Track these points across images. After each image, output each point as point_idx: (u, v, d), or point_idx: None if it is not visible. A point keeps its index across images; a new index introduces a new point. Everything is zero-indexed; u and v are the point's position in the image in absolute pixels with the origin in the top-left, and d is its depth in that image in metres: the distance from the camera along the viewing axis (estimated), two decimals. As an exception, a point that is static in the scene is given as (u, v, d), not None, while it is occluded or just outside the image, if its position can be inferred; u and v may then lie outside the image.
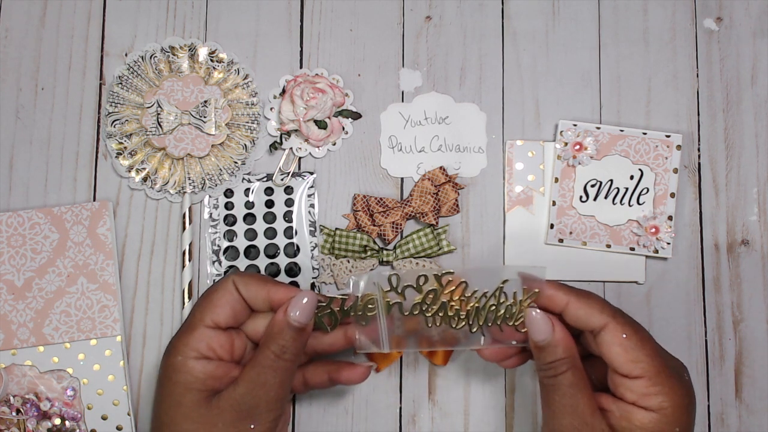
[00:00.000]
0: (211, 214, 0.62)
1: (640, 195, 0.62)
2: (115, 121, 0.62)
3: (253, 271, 0.61)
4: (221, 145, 0.62)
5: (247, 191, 0.62)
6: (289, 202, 0.62)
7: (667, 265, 0.63)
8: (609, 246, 0.62)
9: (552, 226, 0.62)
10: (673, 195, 0.62)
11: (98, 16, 0.64)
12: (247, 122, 0.63)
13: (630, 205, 0.62)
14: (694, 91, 0.65)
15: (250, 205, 0.62)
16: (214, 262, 0.62)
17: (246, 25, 0.64)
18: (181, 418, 0.50)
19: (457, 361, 0.62)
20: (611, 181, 0.63)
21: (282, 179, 0.62)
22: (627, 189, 0.62)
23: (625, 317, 0.51)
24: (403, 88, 0.64)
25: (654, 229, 0.62)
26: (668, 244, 0.62)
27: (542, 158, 0.63)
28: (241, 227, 0.62)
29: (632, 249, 0.62)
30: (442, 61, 0.64)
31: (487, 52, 0.65)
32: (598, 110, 0.64)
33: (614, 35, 0.65)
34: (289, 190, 0.62)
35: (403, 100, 0.64)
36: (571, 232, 0.62)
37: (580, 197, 0.63)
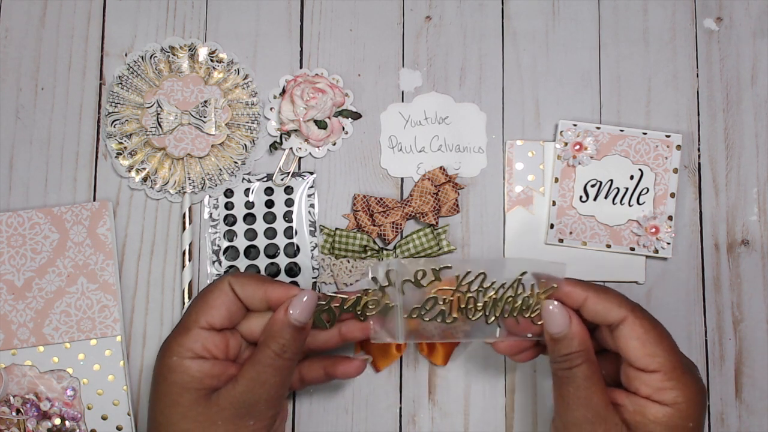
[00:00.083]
0: (211, 214, 0.62)
1: (640, 195, 0.62)
2: (115, 121, 0.62)
3: (252, 271, 0.61)
4: (221, 145, 0.62)
5: (247, 191, 0.62)
6: (289, 202, 0.62)
7: (667, 265, 0.63)
8: (609, 246, 0.62)
9: (552, 226, 0.62)
10: (673, 195, 0.62)
11: (98, 16, 0.64)
12: (247, 122, 0.63)
13: (630, 205, 0.62)
14: (694, 91, 0.65)
15: (250, 205, 0.62)
16: (214, 262, 0.62)
17: (246, 25, 0.64)
18: (178, 418, 0.50)
19: (457, 361, 0.62)
20: (611, 181, 0.63)
21: (282, 179, 0.62)
22: (627, 189, 0.62)
23: (644, 312, 0.51)
24: (403, 88, 0.64)
25: (654, 229, 0.62)
26: (668, 244, 0.62)
27: (542, 158, 0.63)
28: (241, 227, 0.62)
29: (632, 249, 0.62)
30: (442, 61, 0.64)
31: (487, 52, 0.65)
32: (598, 110, 0.64)
33: (614, 35, 0.65)
34: (289, 190, 0.62)
35: (403, 100, 0.64)
36: (571, 232, 0.62)
37: (580, 197, 0.63)
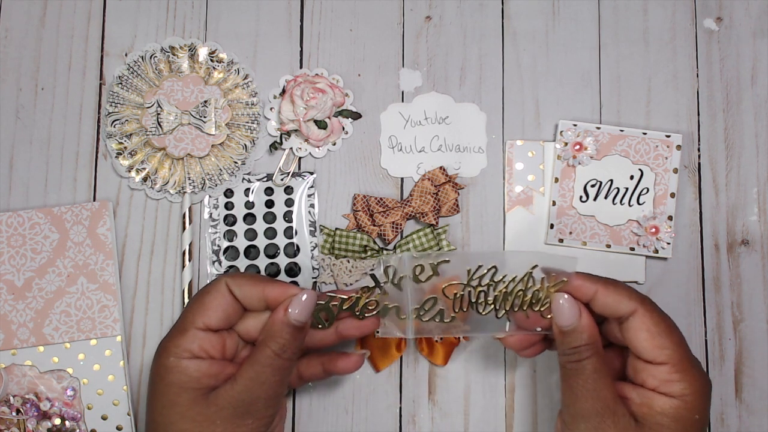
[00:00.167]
0: (211, 214, 0.62)
1: (640, 195, 0.62)
2: (115, 121, 0.62)
3: (253, 272, 0.61)
4: (221, 145, 0.62)
5: (247, 191, 0.62)
6: (289, 202, 0.62)
7: (667, 265, 0.63)
8: (609, 246, 0.62)
9: (552, 226, 0.62)
10: (673, 195, 0.62)
11: (98, 16, 0.64)
12: (247, 122, 0.63)
13: (630, 205, 0.62)
14: (694, 91, 0.65)
15: (250, 205, 0.62)
16: (214, 262, 0.62)
17: (246, 25, 0.64)
18: (177, 418, 0.50)
19: (457, 361, 0.62)
20: (611, 181, 0.63)
21: (282, 179, 0.62)
22: (627, 189, 0.62)
23: (653, 304, 0.52)
24: (403, 88, 0.64)
25: (654, 229, 0.62)
26: (668, 244, 0.62)
27: (542, 158, 0.63)
28: (241, 227, 0.62)
29: (632, 249, 0.62)
30: (442, 61, 0.64)
31: (487, 52, 0.65)
32: (598, 110, 0.64)
33: (614, 35, 0.65)
34: (289, 190, 0.62)
35: (403, 100, 0.64)
36: (571, 232, 0.62)
37: (580, 197, 0.63)
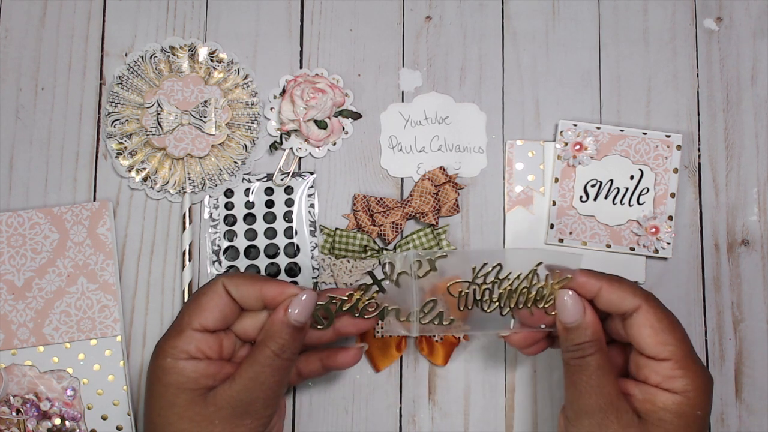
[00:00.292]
0: (211, 214, 0.62)
1: (640, 195, 0.62)
2: (115, 121, 0.62)
3: (253, 272, 0.61)
4: (221, 145, 0.62)
5: (247, 191, 0.62)
6: (289, 202, 0.62)
7: (667, 265, 0.63)
8: (609, 246, 0.62)
9: (552, 226, 0.62)
10: (673, 195, 0.62)
11: (98, 16, 0.64)
12: (247, 122, 0.63)
13: (630, 205, 0.62)
14: (694, 91, 0.65)
15: (250, 205, 0.62)
16: (214, 262, 0.62)
17: (246, 25, 0.64)
18: (175, 419, 0.50)
19: (457, 361, 0.62)
20: (611, 181, 0.63)
21: (282, 179, 0.62)
22: (627, 189, 0.62)
23: (657, 301, 0.52)
24: (403, 88, 0.64)
25: (654, 229, 0.62)
26: (668, 244, 0.62)
27: (542, 158, 0.63)
28: (241, 227, 0.62)
29: (632, 249, 0.62)
30: (442, 61, 0.64)
31: (487, 52, 0.65)
32: (598, 110, 0.64)
33: (614, 35, 0.65)
34: (289, 190, 0.62)
35: (403, 100, 0.64)
36: (571, 232, 0.62)
37: (580, 197, 0.63)
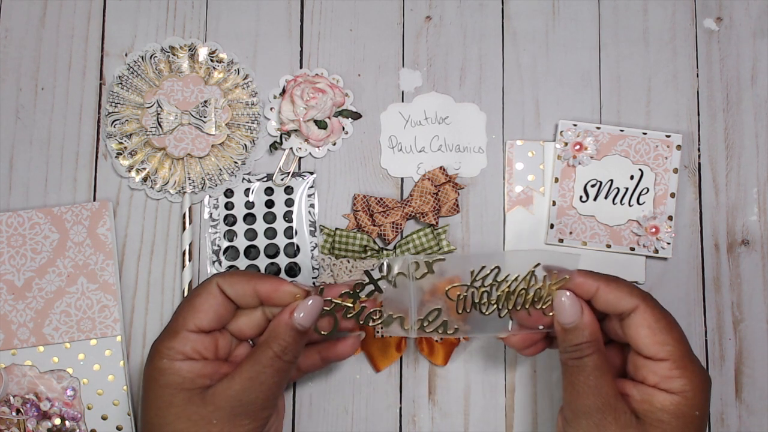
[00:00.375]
0: (211, 214, 0.62)
1: (640, 195, 0.62)
2: (115, 121, 0.62)
3: (253, 272, 0.61)
4: (221, 145, 0.62)
5: (247, 191, 0.62)
6: (289, 202, 0.62)
7: (667, 265, 0.63)
8: (609, 246, 0.62)
9: (552, 226, 0.62)
10: (673, 195, 0.62)
11: (98, 16, 0.64)
12: (247, 122, 0.63)
13: (630, 205, 0.62)
14: (694, 91, 0.65)
15: (250, 205, 0.62)
16: (214, 262, 0.62)
17: (246, 25, 0.64)
18: (173, 418, 0.50)
19: (457, 361, 0.62)
20: (611, 181, 0.63)
21: (282, 179, 0.62)
22: (627, 189, 0.62)
23: (654, 301, 0.52)
24: (403, 88, 0.64)
25: (654, 229, 0.62)
26: (668, 244, 0.62)
27: (542, 158, 0.63)
28: (241, 227, 0.62)
29: (632, 249, 0.62)
30: (442, 61, 0.64)
31: (487, 52, 0.65)
32: (598, 110, 0.64)
33: (614, 35, 0.65)
34: (289, 190, 0.63)
35: (403, 100, 0.64)
36: (571, 232, 0.62)
37: (580, 197, 0.63)
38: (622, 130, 0.63)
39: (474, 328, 0.54)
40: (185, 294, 0.61)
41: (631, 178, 0.62)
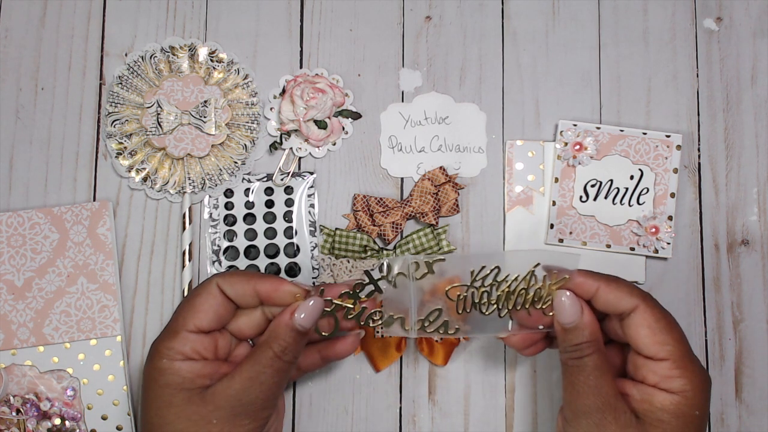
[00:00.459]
0: (211, 214, 0.62)
1: (640, 195, 0.62)
2: (115, 121, 0.62)
3: (252, 271, 0.61)
4: (221, 145, 0.62)
5: (247, 191, 0.62)
6: (289, 202, 0.62)
7: (667, 265, 0.63)
8: (609, 246, 0.62)
9: (552, 226, 0.62)
10: (673, 195, 0.62)
11: (98, 16, 0.64)
12: (247, 122, 0.63)
13: (630, 205, 0.62)
14: (694, 91, 0.65)
15: (250, 205, 0.62)
16: (214, 262, 0.62)
17: (246, 25, 0.64)
18: (173, 418, 0.50)
19: (457, 361, 0.62)
20: (611, 181, 0.63)
21: (282, 179, 0.62)
22: (627, 189, 0.62)
23: (654, 301, 0.52)
24: (403, 88, 0.64)
25: (654, 229, 0.62)
26: (668, 244, 0.62)
27: (542, 158, 0.63)
28: (241, 227, 0.62)
29: (632, 249, 0.62)
30: (442, 61, 0.64)
31: (487, 52, 0.65)
32: (598, 110, 0.64)
33: (614, 35, 0.65)
34: (289, 190, 0.63)
35: (403, 100, 0.64)
36: (571, 232, 0.62)
37: (580, 197, 0.63)
38: (622, 130, 0.63)
39: (474, 328, 0.54)
40: (185, 294, 0.61)
41: (631, 178, 0.62)
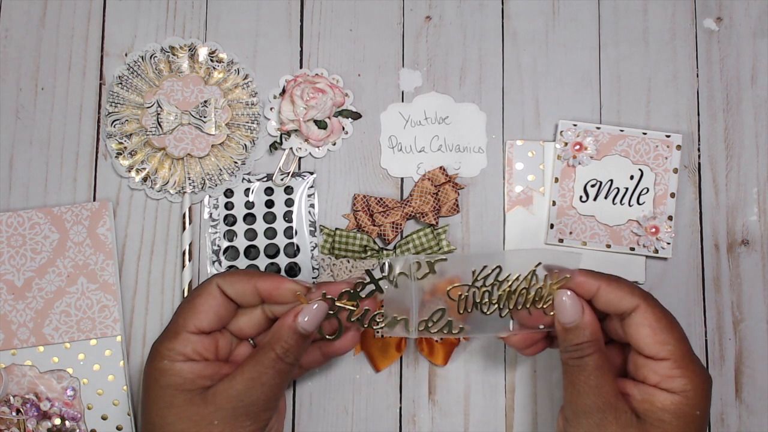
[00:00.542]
0: (211, 214, 0.62)
1: (640, 195, 0.62)
2: (115, 121, 0.62)
3: (252, 270, 0.61)
4: (221, 145, 0.62)
5: (247, 191, 0.62)
6: (289, 202, 0.62)
7: (667, 265, 0.63)
8: (609, 246, 0.62)
9: (552, 226, 0.62)
10: (673, 195, 0.62)
11: (98, 16, 0.64)
12: (247, 122, 0.63)
13: (630, 205, 0.62)
14: (694, 91, 0.65)
15: (250, 205, 0.62)
16: (214, 262, 0.62)
17: (246, 25, 0.64)
18: (174, 419, 0.50)
19: (457, 361, 0.62)
20: (611, 181, 0.63)
21: (282, 179, 0.62)
22: (627, 189, 0.62)
23: (655, 301, 0.52)
24: (403, 88, 0.64)
25: (654, 229, 0.62)
26: (668, 244, 0.62)
27: (542, 158, 0.63)
28: (241, 227, 0.62)
29: (632, 249, 0.62)
30: (442, 61, 0.64)
31: (487, 52, 0.65)
32: (598, 110, 0.64)
33: (614, 35, 0.65)
34: (289, 190, 0.63)
35: (403, 100, 0.64)
36: (571, 232, 0.62)
37: (580, 197, 0.63)
38: (622, 130, 0.63)
39: (475, 328, 0.54)
40: (185, 294, 0.61)
41: (631, 178, 0.62)
